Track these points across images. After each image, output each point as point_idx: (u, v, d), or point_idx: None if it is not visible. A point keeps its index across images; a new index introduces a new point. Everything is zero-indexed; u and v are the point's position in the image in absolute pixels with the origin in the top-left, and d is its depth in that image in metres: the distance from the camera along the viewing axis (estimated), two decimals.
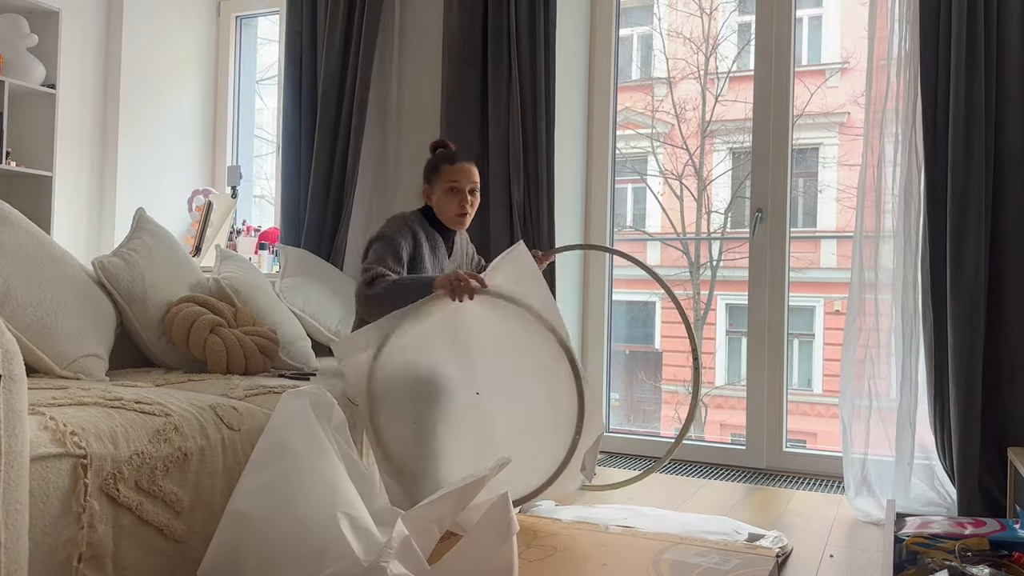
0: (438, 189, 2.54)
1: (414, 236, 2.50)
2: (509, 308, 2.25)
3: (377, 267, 2.38)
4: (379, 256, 2.42)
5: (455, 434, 2.25)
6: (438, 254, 2.59)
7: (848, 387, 2.78)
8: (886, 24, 2.78)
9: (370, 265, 2.40)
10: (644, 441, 3.62)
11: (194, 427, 1.79)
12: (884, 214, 2.78)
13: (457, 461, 2.24)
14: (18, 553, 1.31)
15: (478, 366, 2.26)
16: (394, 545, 1.56)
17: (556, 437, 2.26)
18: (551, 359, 2.25)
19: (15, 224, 2.21)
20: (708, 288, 4.20)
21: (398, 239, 2.45)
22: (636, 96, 4.33)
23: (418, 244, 2.50)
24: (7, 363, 1.31)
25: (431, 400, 2.25)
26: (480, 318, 2.27)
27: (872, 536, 2.50)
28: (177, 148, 4.41)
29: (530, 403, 2.27)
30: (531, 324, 2.25)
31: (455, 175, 2.52)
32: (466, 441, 2.25)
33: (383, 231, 2.49)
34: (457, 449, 2.25)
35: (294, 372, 2.73)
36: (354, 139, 3.64)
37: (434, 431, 2.25)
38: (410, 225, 2.51)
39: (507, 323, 2.27)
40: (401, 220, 2.52)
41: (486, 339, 2.27)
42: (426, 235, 2.55)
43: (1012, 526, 2.07)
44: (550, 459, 2.26)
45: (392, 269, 2.40)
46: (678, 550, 2.06)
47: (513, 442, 2.23)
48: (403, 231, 2.48)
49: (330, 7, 3.71)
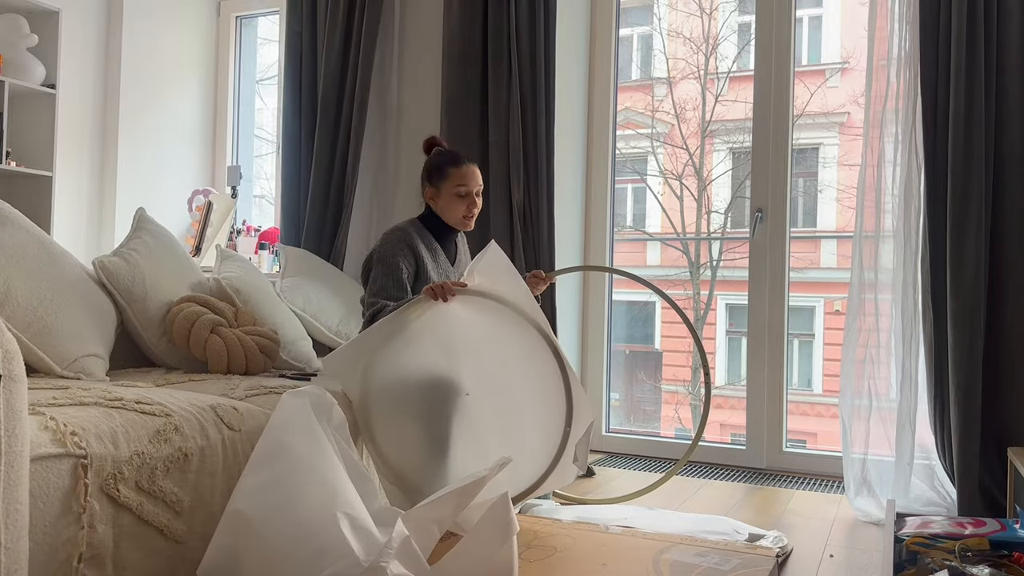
0: (444, 192, 2.49)
1: (414, 251, 2.45)
2: (491, 306, 2.25)
3: (380, 301, 2.36)
4: (381, 286, 2.39)
5: (455, 434, 2.25)
6: (440, 263, 2.55)
7: (848, 387, 2.78)
8: (886, 24, 2.78)
9: (374, 299, 2.38)
10: (644, 441, 3.62)
11: (194, 427, 1.79)
12: (884, 214, 2.78)
13: (460, 462, 2.23)
14: (18, 553, 1.31)
15: (465, 366, 2.26)
16: (394, 545, 1.56)
17: (548, 431, 2.26)
18: (537, 353, 2.24)
19: (15, 224, 2.21)
20: (708, 288, 4.20)
21: (399, 261, 2.41)
22: (636, 96, 4.33)
23: (419, 259, 2.46)
24: (7, 363, 1.31)
25: (439, 401, 2.25)
26: (464, 320, 2.26)
27: (872, 536, 2.50)
28: (177, 148, 4.41)
29: (520, 399, 2.27)
30: (514, 320, 2.24)
31: (463, 179, 2.48)
32: (463, 442, 2.25)
33: (382, 252, 2.43)
34: (458, 450, 2.25)
35: (295, 372, 2.73)
36: (354, 139, 3.64)
37: (444, 431, 2.24)
38: (408, 241, 2.45)
39: (490, 321, 2.27)
40: (399, 237, 2.46)
41: (471, 339, 2.27)
42: (426, 246, 2.50)
43: (1012, 526, 2.07)
44: (543, 454, 2.26)
45: (394, 296, 2.37)
46: (678, 550, 2.06)
47: (508, 439, 2.23)
48: (402, 250, 2.43)
49: (330, 7, 3.71)
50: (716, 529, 2.36)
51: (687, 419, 4.16)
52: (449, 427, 2.25)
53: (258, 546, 1.65)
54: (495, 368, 2.28)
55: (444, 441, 2.25)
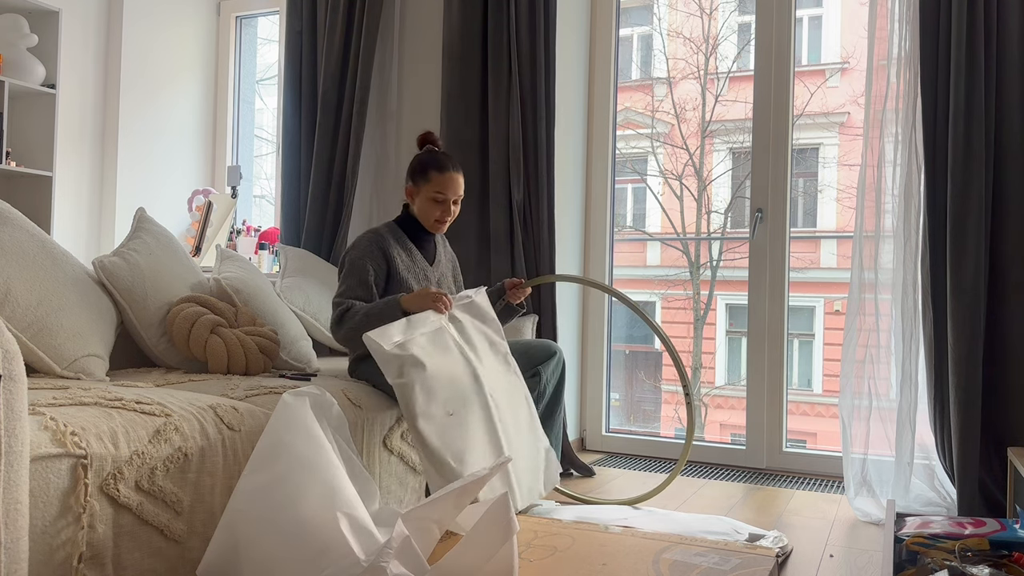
0: (422, 193, 2.56)
1: (385, 254, 2.51)
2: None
3: (345, 301, 2.43)
4: (348, 286, 2.46)
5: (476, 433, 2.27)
6: (416, 262, 2.60)
7: (848, 387, 2.78)
8: (886, 24, 2.78)
9: (340, 299, 2.45)
10: (644, 441, 3.62)
11: (194, 427, 1.79)
12: (884, 214, 2.78)
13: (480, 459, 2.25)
14: (18, 553, 1.31)
15: (478, 371, 2.30)
16: (394, 545, 1.56)
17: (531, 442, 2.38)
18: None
19: (15, 224, 2.21)
20: (708, 288, 4.20)
21: (366, 264, 2.47)
22: (636, 96, 4.33)
23: (391, 260, 2.51)
24: (7, 363, 1.31)
25: (468, 398, 2.26)
26: (467, 329, 2.36)
27: (872, 536, 2.50)
28: (177, 148, 4.41)
29: (516, 409, 2.38)
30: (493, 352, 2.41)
31: (442, 186, 2.54)
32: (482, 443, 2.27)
33: (352, 255, 2.50)
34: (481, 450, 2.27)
35: (295, 372, 2.73)
36: (354, 139, 3.64)
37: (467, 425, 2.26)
38: (380, 244, 2.52)
39: (486, 330, 2.43)
40: (370, 240, 2.52)
41: (479, 347, 2.33)
42: (401, 247, 2.56)
43: (1012, 526, 2.07)
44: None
45: (361, 297, 2.44)
46: (678, 550, 2.06)
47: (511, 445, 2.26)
48: (372, 252, 2.49)
49: (330, 7, 3.71)
50: (716, 529, 2.36)
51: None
52: (467, 422, 2.28)
53: (258, 546, 1.65)
54: (501, 373, 2.39)
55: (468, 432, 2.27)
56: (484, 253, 3.45)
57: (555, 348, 2.74)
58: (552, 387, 2.74)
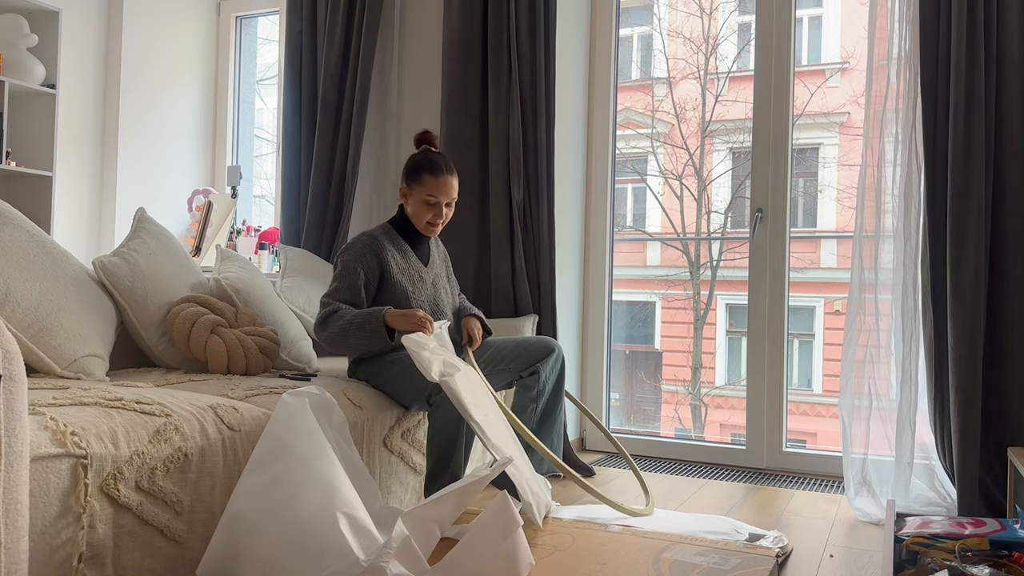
0: (415, 195, 2.58)
1: (379, 258, 2.53)
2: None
3: (333, 303, 2.46)
4: (336, 288, 2.50)
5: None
6: (411, 264, 2.61)
7: (848, 387, 2.78)
8: (886, 24, 2.78)
9: (327, 299, 2.48)
10: (644, 441, 3.62)
11: (194, 427, 1.79)
12: (884, 214, 2.78)
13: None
14: (18, 553, 1.31)
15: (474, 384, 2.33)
16: (394, 545, 1.56)
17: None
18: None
19: (15, 224, 2.21)
20: (708, 288, 4.20)
21: (357, 267, 2.49)
22: (636, 96, 4.33)
23: (384, 264, 2.53)
24: (7, 363, 1.31)
25: (486, 403, 2.29)
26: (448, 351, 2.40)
27: (872, 536, 2.50)
28: (177, 148, 4.41)
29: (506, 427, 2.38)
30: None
31: (434, 190, 2.55)
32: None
33: (345, 257, 2.52)
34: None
35: (295, 372, 2.73)
36: (354, 139, 3.64)
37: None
38: (373, 247, 2.53)
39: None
40: (365, 243, 2.54)
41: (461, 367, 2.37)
42: (395, 249, 2.58)
43: (1012, 526, 2.07)
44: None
45: (348, 301, 2.47)
46: (678, 550, 2.06)
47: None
48: (365, 256, 2.51)
49: (330, 7, 3.71)
50: (716, 529, 2.36)
51: (687, 419, 4.16)
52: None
53: (258, 546, 1.65)
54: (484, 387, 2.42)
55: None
56: (484, 253, 3.44)
57: (554, 345, 2.74)
58: (551, 385, 2.74)
